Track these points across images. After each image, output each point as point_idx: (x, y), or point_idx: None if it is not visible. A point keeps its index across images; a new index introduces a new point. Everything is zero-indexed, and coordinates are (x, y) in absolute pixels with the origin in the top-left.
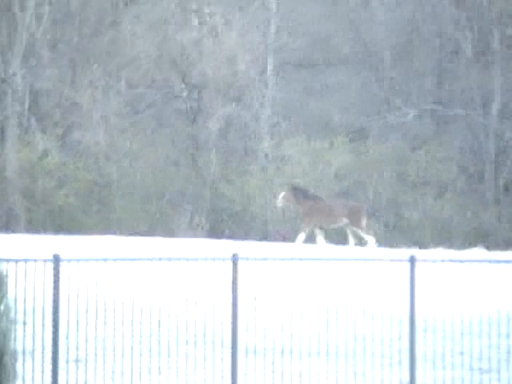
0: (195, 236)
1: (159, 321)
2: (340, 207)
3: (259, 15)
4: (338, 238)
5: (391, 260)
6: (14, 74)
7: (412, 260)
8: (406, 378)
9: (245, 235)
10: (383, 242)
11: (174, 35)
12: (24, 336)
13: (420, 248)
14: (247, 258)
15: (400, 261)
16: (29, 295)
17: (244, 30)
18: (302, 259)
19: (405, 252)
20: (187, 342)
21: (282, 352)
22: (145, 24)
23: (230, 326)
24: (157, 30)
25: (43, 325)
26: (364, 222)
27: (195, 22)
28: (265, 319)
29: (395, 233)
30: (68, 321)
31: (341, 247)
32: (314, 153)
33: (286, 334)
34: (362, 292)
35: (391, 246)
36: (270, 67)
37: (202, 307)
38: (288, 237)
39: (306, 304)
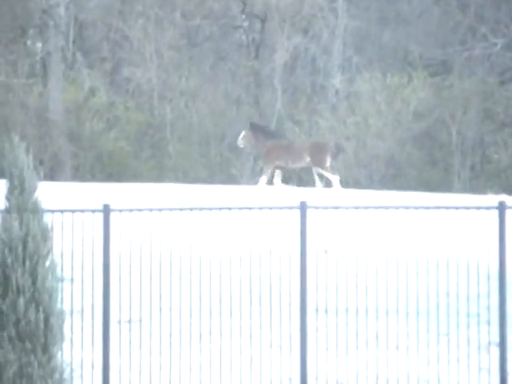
0: (258, 182)
1: (220, 277)
2: (302, 145)
3: None
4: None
5: (477, 208)
6: (57, 4)
7: (501, 207)
8: (496, 338)
9: (313, 182)
10: (468, 187)
11: None
12: (72, 295)
13: (510, 194)
14: (316, 207)
15: (488, 208)
16: (76, 250)
17: None
18: (377, 207)
19: (493, 198)
20: (251, 300)
21: (357, 311)
22: None
23: (298, 283)
24: None
25: (93, 282)
26: (327, 160)
27: None
28: (336, 274)
29: (482, 177)
30: (119, 277)
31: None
32: (391, 89)
33: (361, 291)
34: (444, 243)
35: (478, 191)
36: None
37: (268, 262)
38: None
39: (382, 257)
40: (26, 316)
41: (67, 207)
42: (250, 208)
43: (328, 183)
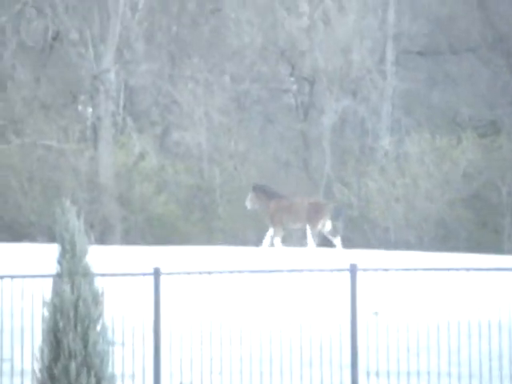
0: (307, 244)
1: (270, 339)
2: (301, 205)
3: None
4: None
5: None
6: (107, 70)
7: None
8: None
9: (363, 243)
10: None
11: (282, 23)
12: (123, 358)
13: None
14: (366, 269)
15: None
16: (127, 313)
17: (359, 15)
18: (427, 269)
19: None
20: (302, 362)
21: (408, 374)
22: (250, 11)
23: (349, 345)
24: (263, 17)
25: (143, 346)
26: (320, 222)
27: (305, 7)
28: (387, 336)
29: None
30: (170, 341)
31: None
32: (440, 150)
33: (412, 353)
34: (496, 305)
35: None
36: (388, 56)
37: (318, 324)
38: None
39: (433, 318)
40: (78, 380)
41: (118, 271)
42: (300, 270)
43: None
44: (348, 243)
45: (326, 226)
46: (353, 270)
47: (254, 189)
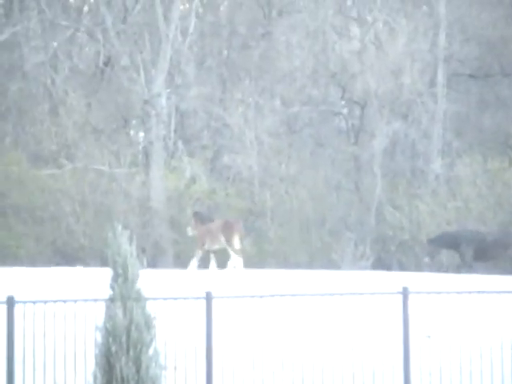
0: (359, 267)
1: (323, 363)
2: (218, 226)
3: (427, 21)
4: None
5: None
6: (159, 95)
7: None
8: None
9: (415, 266)
10: None
11: (333, 46)
12: (175, 383)
13: None
14: (419, 292)
15: None
16: (179, 337)
17: (410, 39)
18: (480, 292)
19: None
20: None
21: None
22: (300, 34)
23: (401, 368)
24: (313, 40)
25: (196, 370)
26: (236, 239)
27: (356, 30)
28: (440, 360)
29: None
30: (222, 365)
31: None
32: (491, 172)
33: (465, 377)
34: None
35: None
36: (439, 79)
37: (370, 347)
38: None
39: (486, 341)
40: None
41: (170, 295)
42: (351, 294)
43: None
44: (400, 266)
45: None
46: (405, 293)
47: (193, 215)
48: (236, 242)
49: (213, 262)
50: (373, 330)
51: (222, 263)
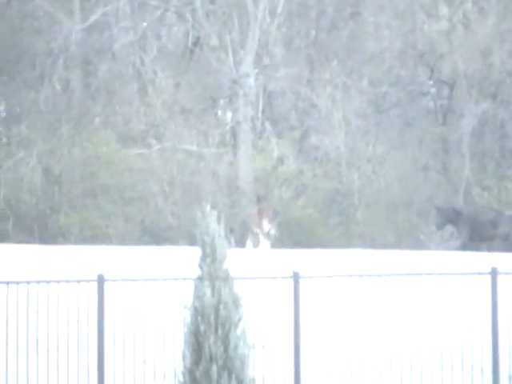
0: (447, 248)
1: (411, 343)
2: (254, 213)
3: None
4: None
5: None
6: (247, 75)
7: None
8: None
9: (504, 247)
10: None
11: (422, 26)
12: (263, 362)
13: None
14: (508, 273)
15: None
16: (267, 316)
17: (499, 18)
18: None
19: None
20: (442, 367)
21: None
22: (388, 14)
23: (490, 349)
24: (402, 20)
25: (284, 349)
26: (265, 224)
27: (445, 10)
28: None
29: None
30: (310, 344)
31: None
32: None
33: None
34: None
35: None
36: None
37: (459, 327)
38: None
39: None
40: (219, 383)
41: (257, 274)
42: (439, 274)
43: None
44: (489, 247)
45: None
46: (494, 273)
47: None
48: (265, 226)
49: (250, 243)
50: (461, 311)
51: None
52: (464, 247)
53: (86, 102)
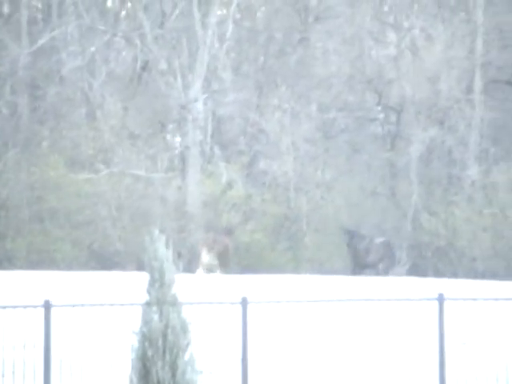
0: (395, 273)
1: (360, 368)
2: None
3: (464, 28)
4: None
5: None
6: (196, 100)
7: None
8: None
9: (450, 273)
10: None
11: (369, 52)
12: None
13: None
14: (454, 298)
15: None
16: (215, 342)
17: (447, 45)
18: None
19: None
20: None
21: None
22: (336, 40)
23: (437, 374)
24: (350, 46)
25: (231, 375)
26: (203, 255)
27: (393, 36)
28: (476, 367)
29: None
30: (259, 368)
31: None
32: None
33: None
34: None
35: None
36: (477, 85)
37: (407, 353)
38: None
39: None
40: None
41: (205, 300)
42: (387, 300)
43: None
44: (436, 273)
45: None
46: (441, 299)
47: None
48: (203, 256)
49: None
50: (409, 336)
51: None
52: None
53: (34, 126)
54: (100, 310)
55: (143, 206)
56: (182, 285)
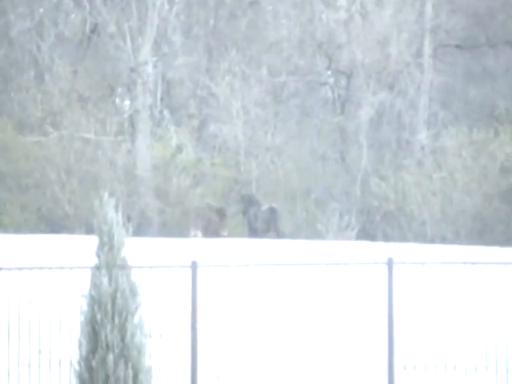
0: (344, 237)
1: (307, 332)
2: None
3: None
4: None
5: None
6: (145, 63)
7: None
8: None
9: (400, 237)
10: None
11: (320, 16)
12: (160, 351)
13: None
14: (403, 262)
15: None
16: (164, 306)
17: (397, 9)
18: (465, 263)
19: None
20: (338, 355)
21: (445, 367)
22: (287, 4)
23: (386, 338)
24: (301, 10)
25: (180, 339)
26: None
27: (343, 0)
28: (423, 330)
29: None
30: (207, 333)
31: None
32: (477, 144)
33: (448, 348)
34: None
35: None
36: (426, 49)
37: (355, 317)
38: None
39: (470, 313)
40: (115, 372)
41: (155, 263)
42: (336, 264)
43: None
44: (385, 237)
45: None
46: (390, 263)
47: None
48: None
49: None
50: (357, 301)
51: None
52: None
53: None
54: (49, 274)
55: (93, 169)
56: (132, 248)
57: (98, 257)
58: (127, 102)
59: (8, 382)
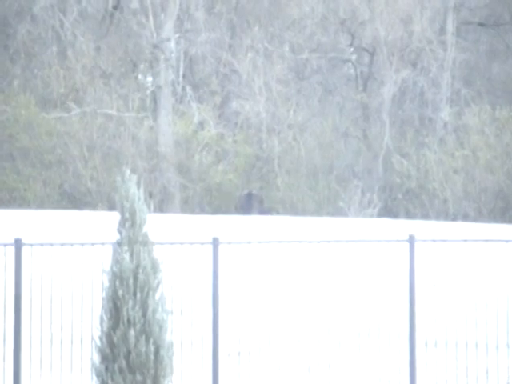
0: (366, 215)
1: (328, 310)
2: None
3: None
4: None
5: None
6: (168, 39)
7: None
8: None
9: (422, 215)
10: None
11: None
12: (181, 327)
13: None
14: (425, 240)
15: None
16: (186, 282)
17: None
18: (487, 240)
19: None
20: (359, 333)
21: (466, 345)
22: None
23: (407, 316)
24: None
25: (202, 315)
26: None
27: None
28: (445, 308)
29: None
30: (228, 310)
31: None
32: (499, 121)
33: (470, 325)
34: None
35: None
36: (449, 27)
37: (376, 294)
38: None
39: (493, 290)
40: (137, 348)
41: (176, 240)
42: (357, 241)
43: None
44: (407, 214)
45: None
46: (411, 240)
47: None
48: None
49: None
50: (379, 278)
51: None
52: None
53: (5, 65)
54: (70, 250)
55: (115, 145)
56: (154, 225)
57: (120, 233)
58: (150, 79)
59: (30, 358)
